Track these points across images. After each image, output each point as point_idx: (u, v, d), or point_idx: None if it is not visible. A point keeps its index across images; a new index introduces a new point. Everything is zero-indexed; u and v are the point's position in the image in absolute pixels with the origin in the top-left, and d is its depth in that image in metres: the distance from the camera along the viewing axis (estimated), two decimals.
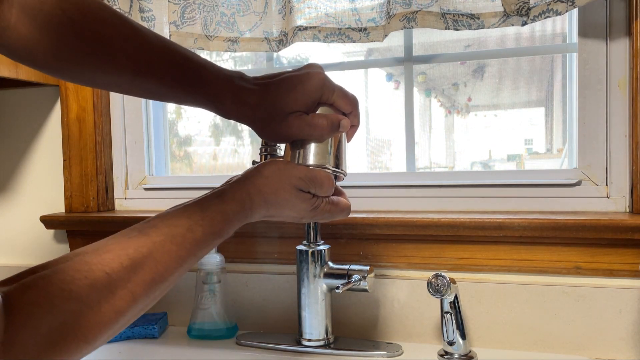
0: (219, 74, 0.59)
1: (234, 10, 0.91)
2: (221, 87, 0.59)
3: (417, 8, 0.80)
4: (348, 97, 0.62)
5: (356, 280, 0.76)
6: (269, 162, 0.59)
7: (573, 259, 0.79)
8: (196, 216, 0.51)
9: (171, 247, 0.48)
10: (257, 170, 0.58)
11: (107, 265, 0.43)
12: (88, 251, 0.44)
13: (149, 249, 0.46)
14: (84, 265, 0.43)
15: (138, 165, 1.07)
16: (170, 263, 0.48)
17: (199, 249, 0.51)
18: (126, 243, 0.46)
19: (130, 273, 0.44)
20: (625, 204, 0.81)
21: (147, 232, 0.48)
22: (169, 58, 0.57)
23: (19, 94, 1.09)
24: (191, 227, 0.50)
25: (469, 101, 1.39)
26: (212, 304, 0.87)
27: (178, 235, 0.49)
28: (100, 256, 0.44)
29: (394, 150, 1.20)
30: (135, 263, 0.45)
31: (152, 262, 0.46)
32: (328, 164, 0.62)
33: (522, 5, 0.74)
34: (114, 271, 0.43)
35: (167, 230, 0.49)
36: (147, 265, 0.46)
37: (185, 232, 0.49)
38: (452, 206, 0.89)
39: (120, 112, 1.05)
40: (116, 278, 0.43)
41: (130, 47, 0.56)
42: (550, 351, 0.79)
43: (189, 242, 0.49)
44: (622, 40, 0.80)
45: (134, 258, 0.45)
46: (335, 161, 0.63)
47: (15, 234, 1.09)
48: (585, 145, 0.83)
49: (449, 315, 0.74)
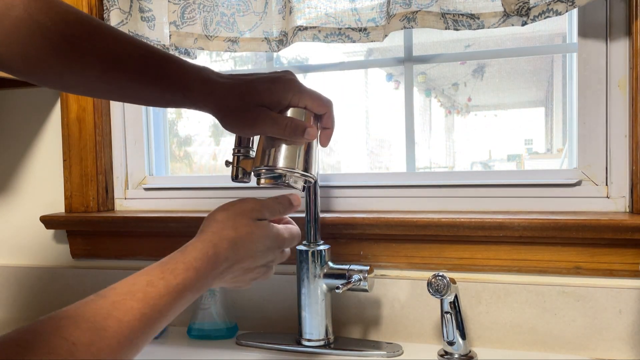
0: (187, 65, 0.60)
1: (234, 10, 0.91)
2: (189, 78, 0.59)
3: (417, 8, 0.80)
4: (320, 99, 0.63)
5: (356, 280, 0.76)
6: (220, 208, 0.61)
7: (573, 259, 0.79)
8: (155, 271, 0.49)
9: (132, 303, 0.45)
10: (210, 219, 0.59)
11: (65, 331, 0.40)
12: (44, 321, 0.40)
13: (108, 310, 0.43)
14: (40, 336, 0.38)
15: (138, 165, 1.07)
16: (134, 322, 0.44)
17: (166, 304, 0.48)
18: (84, 307, 0.43)
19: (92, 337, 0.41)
20: (625, 204, 0.81)
21: (105, 294, 0.45)
22: (137, 53, 0.58)
23: (19, 94, 1.09)
24: (151, 281, 0.48)
25: (469, 101, 1.40)
26: (212, 304, 0.87)
27: (138, 292, 0.46)
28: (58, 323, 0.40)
29: (394, 150, 1.20)
30: (95, 327, 0.41)
31: (115, 323, 0.43)
32: (297, 168, 0.62)
33: (522, 5, 0.74)
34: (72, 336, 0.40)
35: (126, 289, 0.46)
36: (110, 327, 0.42)
37: (145, 287, 0.47)
38: (452, 206, 0.89)
39: (120, 112, 1.05)
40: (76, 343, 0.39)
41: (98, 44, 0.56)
42: (550, 351, 0.79)
43: (152, 297, 0.47)
44: (622, 40, 0.80)
45: (93, 321, 0.41)
46: (305, 165, 0.63)
47: (15, 234, 1.09)
48: (585, 145, 0.83)
49: (449, 315, 0.74)
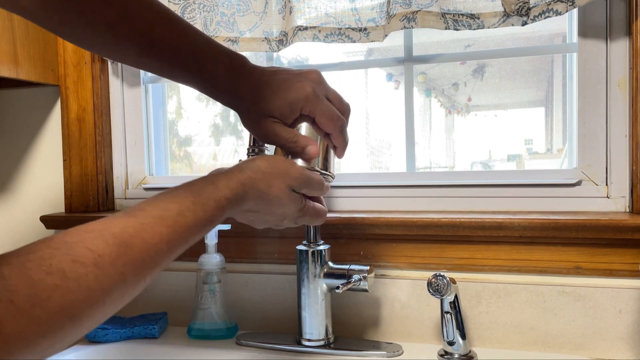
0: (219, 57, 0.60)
1: (234, 10, 0.91)
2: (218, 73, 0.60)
3: (417, 8, 0.80)
4: (331, 117, 0.62)
5: (356, 280, 0.76)
6: (267, 157, 0.59)
7: (573, 259, 0.79)
8: (187, 201, 0.49)
9: (161, 229, 0.45)
10: (254, 163, 0.57)
11: (91, 243, 0.39)
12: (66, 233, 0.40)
13: (137, 229, 0.43)
14: (63, 244, 0.39)
15: (138, 165, 1.07)
16: (160, 246, 0.45)
17: (191, 234, 0.49)
18: (110, 223, 0.43)
19: (119, 251, 0.41)
20: (625, 204, 0.81)
21: (134, 214, 0.45)
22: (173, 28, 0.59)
23: (19, 94, 1.08)
24: (182, 211, 0.48)
25: (469, 101, 1.40)
26: (212, 304, 0.87)
27: (168, 218, 0.46)
28: (81, 235, 0.40)
29: (394, 150, 1.20)
30: (122, 242, 0.41)
31: (141, 242, 0.43)
32: (317, 167, 0.62)
33: (522, 5, 0.74)
34: (99, 248, 0.39)
35: (156, 213, 0.46)
36: (135, 245, 0.42)
37: (175, 216, 0.47)
38: (452, 206, 0.89)
39: (120, 112, 1.05)
40: (102, 254, 0.39)
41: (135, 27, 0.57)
42: (550, 351, 0.79)
43: (180, 226, 0.47)
44: (622, 40, 0.80)
45: (120, 237, 0.42)
46: (324, 163, 0.63)
47: (15, 234, 1.09)
48: (585, 145, 0.83)
49: (449, 315, 0.74)
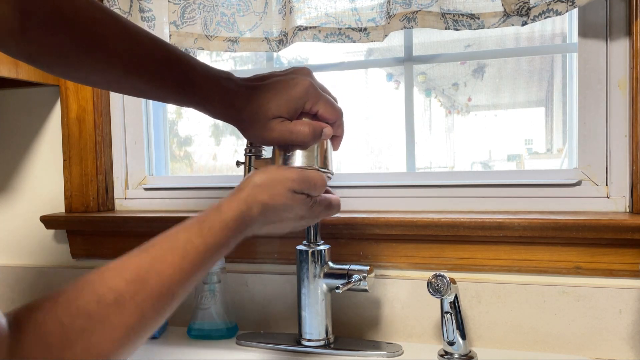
0: (208, 75, 0.60)
1: (234, 10, 0.91)
2: (209, 90, 0.60)
3: (417, 8, 0.80)
4: (333, 107, 0.63)
5: (356, 280, 0.76)
6: (261, 170, 0.60)
7: (573, 259, 0.79)
8: (194, 228, 0.52)
9: (173, 259, 0.49)
10: (250, 180, 0.59)
11: (110, 281, 0.44)
12: (90, 273, 0.45)
13: (150, 263, 0.47)
14: (87, 284, 0.43)
15: (138, 165, 1.07)
16: (174, 276, 0.48)
17: (202, 260, 0.51)
18: (127, 261, 0.47)
19: (136, 288, 0.45)
20: (625, 204, 0.81)
21: (147, 249, 0.49)
22: (159, 57, 0.58)
23: (19, 94, 1.08)
24: (190, 239, 0.51)
25: (469, 101, 1.39)
26: (212, 304, 0.87)
27: (178, 248, 0.49)
28: (102, 274, 0.45)
29: (394, 151, 1.20)
30: (138, 278, 0.45)
31: (156, 275, 0.47)
32: (315, 165, 0.63)
33: (522, 5, 0.74)
34: (118, 287, 0.44)
35: (166, 245, 0.49)
36: (151, 279, 0.46)
37: (184, 245, 0.50)
38: (452, 206, 0.89)
39: (120, 112, 1.05)
40: (122, 293, 0.44)
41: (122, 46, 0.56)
42: (550, 351, 0.79)
43: (190, 254, 0.50)
44: (622, 40, 0.80)
45: (137, 273, 0.46)
46: (323, 161, 0.64)
47: (15, 234, 1.09)
48: (585, 145, 0.83)
49: (449, 315, 0.74)
